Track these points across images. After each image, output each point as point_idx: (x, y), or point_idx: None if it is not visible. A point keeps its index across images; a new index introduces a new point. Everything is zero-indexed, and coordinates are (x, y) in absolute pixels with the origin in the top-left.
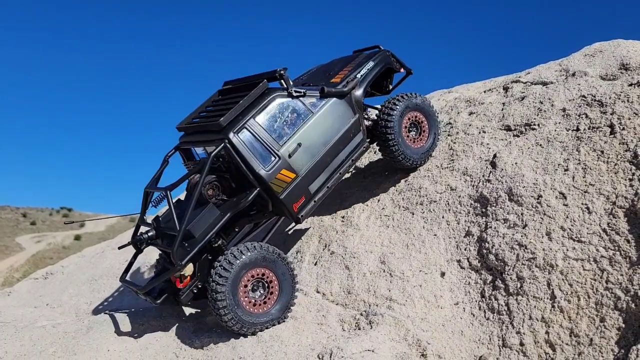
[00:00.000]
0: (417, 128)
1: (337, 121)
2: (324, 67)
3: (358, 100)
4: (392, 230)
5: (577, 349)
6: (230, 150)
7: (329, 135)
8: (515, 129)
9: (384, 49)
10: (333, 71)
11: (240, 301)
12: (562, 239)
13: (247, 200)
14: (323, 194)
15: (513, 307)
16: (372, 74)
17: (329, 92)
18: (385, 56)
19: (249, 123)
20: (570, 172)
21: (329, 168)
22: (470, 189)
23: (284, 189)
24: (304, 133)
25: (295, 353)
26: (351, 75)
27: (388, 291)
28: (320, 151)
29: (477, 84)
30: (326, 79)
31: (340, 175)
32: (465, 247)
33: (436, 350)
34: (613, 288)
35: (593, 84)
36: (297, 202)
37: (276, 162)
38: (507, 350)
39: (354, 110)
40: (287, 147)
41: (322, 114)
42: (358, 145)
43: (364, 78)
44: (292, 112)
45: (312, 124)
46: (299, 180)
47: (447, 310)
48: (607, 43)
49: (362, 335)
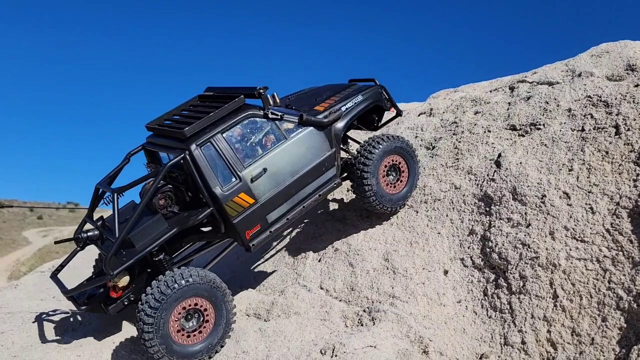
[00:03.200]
0: (396, 173)
1: (310, 152)
2: (313, 91)
3: (338, 133)
4: (396, 228)
5: (578, 348)
6: (188, 163)
7: (299, 165)
8: (520, 128)
9: (377, 85)
10: (320, 97)
11: (170, 331)
12: (566, 239)
13: (196, 218)
14: (281, 226)
15: (515, 306)
16: (358, 109)
17: (308, 120)
18: (376, 92)
19: (216, 138)
20: (574, 172)
21: (292, 199)
22: (475, 187)
23: (239, 213)
24: (273, 158)
25: (298, 348)
26: (336, 106)
27: (391, 288)
28: (287, 180)
29: (483, 84)
30: (310, 105)
31: (304, 209)
32: (468, 246)
33: (438, 347)
34: (615, 288)
35: (599, 84)
36: (251, 230)
37: (236, 184)
38: (508, 348)
39: (332, 143)
40: (252, 169)
41: (296, 141)
42: (329, 180)
43: (348, 112)
44: (264, 134)
45: (283, 150)
46: (257, 206)
47: (450, 308)
48: (613, 44)
49: (364, 332)
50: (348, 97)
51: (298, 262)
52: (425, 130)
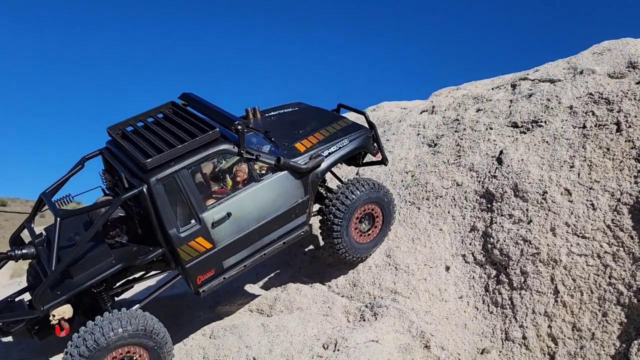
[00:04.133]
0: (370, 221)
1: (282, 198)
2: (298, 116)
3: (315, 180)
4: (398, 225)
5: (579, 343)
6: (145, 198)
7: (267, 211)
8: (522, 125)
9: (366, 130)
10: (304, 129)
11: None
12: (567, 235)
13: (145, 258)
14: (237, 272)
15: (516, 302)
16: (342, 154)
17: (285, 165)
18: (365, 138)
19: (180, 173)
20: (575, 169)
21: (254, 246)
22: (476, 184)
23: (194, 258)
24: (240, 202)
25: (300, 343)
26: (319, 148)
27: (393, 284)
28: (251, 226)
29: (485, 81)
30: (292, 139)
31: (265, 256)
32: (470, 242)
33: (439, 342)
34: (616, 283)
35: (600, 81)
36: (204, 275)
37: (195, 227)
38: (509, 343)
39: (307, 189)
40: (215, 212)
41: (269, 185)
42: (297, 228)
43: (330, 156)
44: (233, 174)
45: (253, 194)
46: (214, 252)
47: (451, 303)
48: (615, 41)
49: (366, 327)
50: (333, 139)
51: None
52: (428, 127)
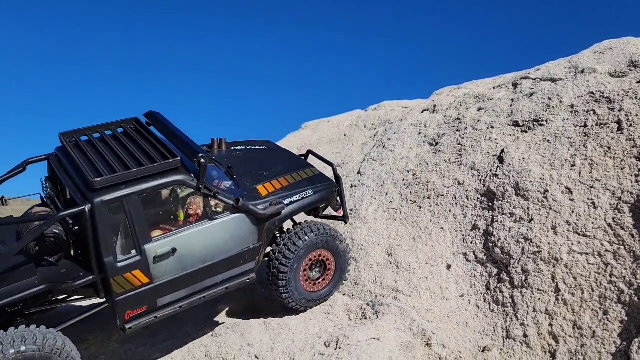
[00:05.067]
0: (322, 269)
1: (234, 241)
2: (265, 156)
3: (271, 228)
4: (400, 223)
5: (580, 341)
6: (86, 218)
7: (215, 252)
8: (523, 124)
9: (332, 183)
10: (269, 172)
11: None
12: (568, 233)
13: (72, 284)
14: (170, 312)
15: (517, 300)
16: (304, 205)
17: (243, 207)
18: (329, 192)
19: (129, 199)
20: (577, 168)
21: (194, 287)
22: (478, 183)
23: (126, 292)
24: (188, 238)
25: (302, 341)
26: (281, 195)
27: (394, 282)
28: (195, 266)
29: (486, 80)
30: (254, 180)
31: (204, 299)
32: (471, 241)
33: (441, 340)
34: (617, 282)
35: (602, 81)
36: (134, 311)
37: (134, 259)
38: (510, 341)
39: (261, 236)
40: (158, 246)
41: (222, 225)
42: (243, 274)
43: (291, 206)
44: (187, 208)
45: (204, 232)
46: (150, 287)
47: (453, 302)
48: (616, 41)
49: (368, 325)
50: (297, 187)
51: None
52: (429, 126)
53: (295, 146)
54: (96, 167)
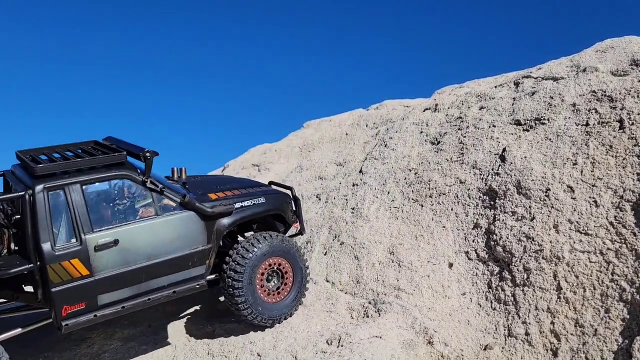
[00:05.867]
0: (279, 278)
1: (181, 240)
2: (224, 179)
3: (221, 229)
4: (402, 222)
5: (581, 339)
6: (26, 204)
7: (161, 250)
8: (525, 123)
9: (286, 195)
10: (224, 186)
11: None
12: (569, 232)
13: (8, 271)
14: (111, 313)
15: (519, 298)
16: (254, 211)
17: (190, 203)
18: (282, 201)
19: (72, 187)
20: (578, 166)
21: (138, 287)
22: (479, 182)
23: (63, 282)
24: (132, 232)
25: (304, 339)
26: (232, 200)
27: (396, 281)
28: (139, 262)
29: (488, 79)
30: (207, 190)
31: (149, 302)
32: (473, 239)
33: (443, 338)
34: (618, 280)
35: (603, 79)
36: (72, 307)
37: (73, 247)
38: (512, 339)
39: (210, 238)
40: (100, 236)
41: (169, 222)
42: (192, 279)
43: (242, 210)
44: (132, 202)
45: (149, 227)
46: (90, 281)
47: (454, 300)
48: (618, 39)
49: (370, 323)
50: (249, 196)
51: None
52: (431, 125)
53: (297, 145)
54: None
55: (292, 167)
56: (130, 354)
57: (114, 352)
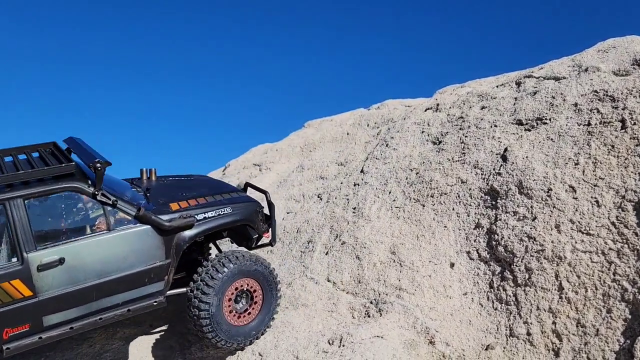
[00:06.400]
0: (248, 299)
1: (136, 255)
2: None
3: (181, 243)
4: (403, 222)
5: (583, 339)
6: None
7: (113, 267)
8: (526, 123)
9: (256, 203)
10: (190, 193)
11: None
12: (571, 232)
13: None
14: (59, 334)
15: (521, 298)
16: (218, 223)
17: (145, 217)
18: (252, 211)
19: (14, 202)
20: (580, 166)
21: (89, 306)
22: (481, 181)
23: (4, 304)
24: (80, 249)
25: (306, 339)
26: (196, 210)
27: (398, 281)
28: (89, 280)
29: (489, 79)
30: (170, 199)
31: (100, 321)
32: (474, 239)
33: (444, 338)
34: (620, 280)
35: (605, 79)
36: (14, 329)
37: (14, 267)
38: (514, 339)
39: (168, 253)
40: (44, 255)
41: (122, 237)
42: (149, 296)
43: (205, 222)
44: (82, 217)
45: (100, 243)
46: (34, 302)
47: (456, 300)
48: (620, 39)
49: (371, 323)
50: (214, 205)
51: (305, 255)
52: (432, 125)
53: (298, 145)
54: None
55: (294, 166)
56: (131, 353)
57: (116, 351)
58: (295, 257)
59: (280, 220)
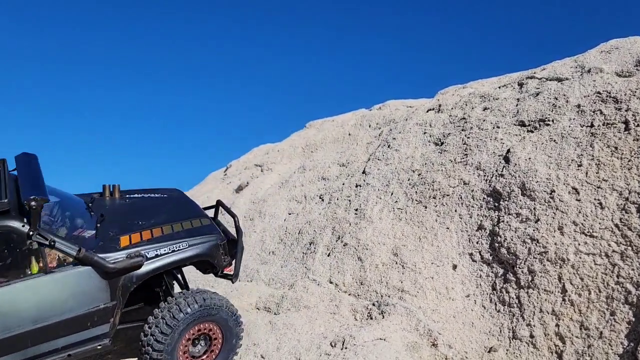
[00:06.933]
0: (207, 342)
1: (77, 299)
2: (158, 203)
3: (127, 284)
4: (405, 223)
5: (586, 341)
6: None
7: (51, 312)
8: (529, 124)
9: (217, 236)
10: (149, 221)
11: None
12: (574, 234)
13: None
14: None
15: (524, 300)
16: (172, 260)
17: (85, 259)
18: (212, 245)
19: None
20: (583, 168)
21: (23, 353)
22: (483, 183)
23: None
24: (14, 294)
25: (308, 340)
26: (147, 247)
27: (400, 282)
28: (22, 327)
29: (492, 80)
30: (122, 229)
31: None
32: (477, 241)
33: (447, 340)
34: (624, 282)
35: (608, 80)
36: None
37: None
38: (517, 342)
39: (113, 294)
40: None
41: (60, 280)
42: (93, 339)
43: (158, 259)
44: (15, 260)
45: (35, 286)
46: None
47: (459, 302)
48: (623, 40)
49: (374, 325)
50: (172, 239)
51: (307, 257)
52: (434, 126)
53: (300, 145)
54: None
55: (295, 167)
56: (135, 355)
57: (119, 353)
58: (297, 259)
59: (282, 221)
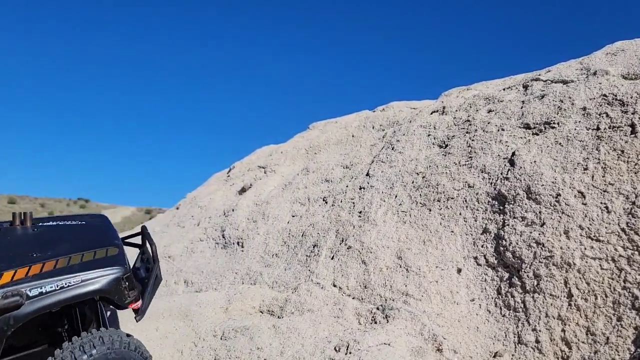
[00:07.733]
0: None
1: None
2: (67, 232)
3: (3, 328)
4: (409, 226)
5: (593, 347)
6: None
7: None
8: (534, 127)
9: (119, 269)
10: (43, 254)
11: None
12: (580, 238)
13: None
14: None
15: (529, 305)
16: (55, 301)
17: None
18: (112, 280)
19: None
20: (589, 171)
21: None
22: (488, 186)
23: None
24: None
25: (312, 345)
26: (29, 284)
27: (404, 286)
28: None
29: (496, 82)
30: (15, 262)
31: None
32: (482, 244)
33: (452, 345)
34: (631, 287)
35: (614, 83)
36: None
37: None
38: (522, 347)
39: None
40: None
41: None
42: None
43: (37, 300)
44: None
45: None
46: None
47: (463, 306)
48: (629, 42)
49: (378, 329)
50: (62, 274)
51: (311, 260)
52: (438, 128)
53: (303, 147)
54: None
55: (298, 169)
56: None
57: None
58: (301, 262)
59: (285, 223)
